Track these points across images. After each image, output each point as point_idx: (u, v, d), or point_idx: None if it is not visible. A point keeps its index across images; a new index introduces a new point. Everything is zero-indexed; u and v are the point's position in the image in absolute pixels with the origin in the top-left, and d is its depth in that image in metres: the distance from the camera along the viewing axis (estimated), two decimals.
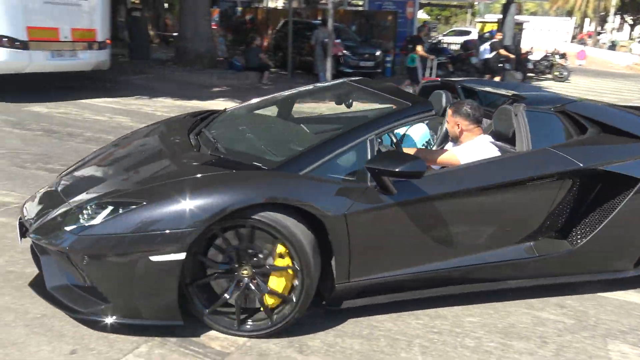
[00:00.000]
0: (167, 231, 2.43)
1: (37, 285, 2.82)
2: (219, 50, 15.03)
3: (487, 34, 18.21)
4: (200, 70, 12.65)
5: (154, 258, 2.44)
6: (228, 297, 2.67)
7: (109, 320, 2.56)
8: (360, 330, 2.82)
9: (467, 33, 28.29)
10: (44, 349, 2.50)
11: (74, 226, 2.55)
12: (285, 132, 3.53)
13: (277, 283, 2.63)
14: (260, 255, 2.64)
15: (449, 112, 3.48)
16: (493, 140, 3.38)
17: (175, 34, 17.36)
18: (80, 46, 8.96)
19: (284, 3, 31.27)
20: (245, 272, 2.66)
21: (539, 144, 3.12)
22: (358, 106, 3.86)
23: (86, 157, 3.49)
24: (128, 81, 11.13)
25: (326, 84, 4.33)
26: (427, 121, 3.94)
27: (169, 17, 22.24)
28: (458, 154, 3.28)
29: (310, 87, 4.20)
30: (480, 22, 30.14)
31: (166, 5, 22.61)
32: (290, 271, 2.62)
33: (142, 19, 15.33)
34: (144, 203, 2.52)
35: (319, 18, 16.20)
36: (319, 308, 2.86)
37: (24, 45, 8.08)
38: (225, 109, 4.02)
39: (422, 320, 2.98)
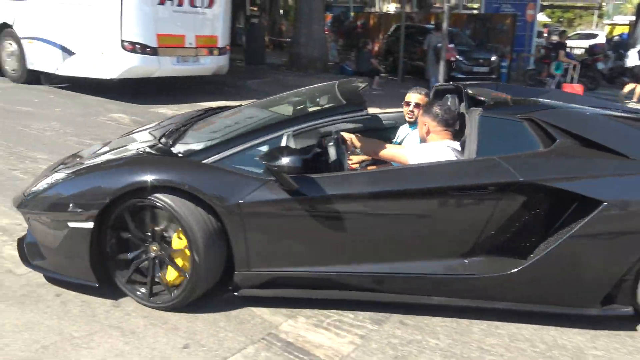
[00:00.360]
0: (82, 202, 2.81)
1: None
2: (330, 55, 15.27)
3: (616, 37, 16.86)
4: (313, 74, 12.89)
5: (71, 224, 2.82)
6: (131, 271, 2.93)
7: (46, 273, 3.08)
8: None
9: (594, 36, 26.52)
10: (160, 341, 2.64)
11: (30, 192, 3.08)
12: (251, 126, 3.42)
13: (178, 261, 2.85)
14: (166, 235, 2.85)
15: (421, 111, 3.35)
16: (457, 147, 3.09)
17: (289, 39, 17.95)
18: (202, 52, 9.48)
19: (396, 8, 31.11)
20: (154, 248, 2.88)
21: (488, 152, 2.77)
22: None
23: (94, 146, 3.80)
24: (244, 85, 11.59)
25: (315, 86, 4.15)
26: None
27: (283, 23, 23.01)
28: (408, 154, 3.10)
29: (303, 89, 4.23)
30: (609, 24, 28.16)
31: (281, 11, 23.38)
32: (187, 251, 2.77)
33: (259, 26, 15.97)
34: (73, 176, 3.00)
35: (432, 22, 15.89)
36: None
37: (154, 52, 8.71)
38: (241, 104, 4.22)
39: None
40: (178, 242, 2.82)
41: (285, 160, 2.56)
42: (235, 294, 2.89)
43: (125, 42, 8.44)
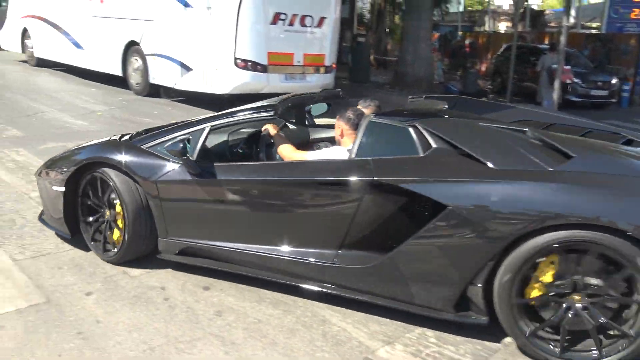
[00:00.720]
0: (62, 168, 3.61)
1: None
2: (435, 75, 15.07)
3: None
4: (417, 94, 12.70)
5: (54, 187, 3.63)
6: (92, 230, 3.62)
7: (46, 225, 3.90)
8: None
9: None
10: (258, 354, 2.67)
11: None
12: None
13: (119, 223, 3.47)
14: (116, 202, 3.47)
15: (338, 116, 3.51)
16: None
17: (393, 58, 17.94)
18: (309, 70, 9.72)
19: (507, 27, 30.11)
20: (107, 213, 3.55)
21: (367, 154, 2.94)
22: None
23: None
24: (348, 103, 11.70)
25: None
26: None
27: (389, 42, 23.08)
28: (308, 157, 3.33)
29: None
30: None
31: (387, 30, 23.50)
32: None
33: (365, 45, 16.13)
34: (75, 149, 3.90)
35: (546, 42, 15.21)
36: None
37: (264, 69, 9.05)
38: None
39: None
40: (118, 208, 3.45)
41: (182, 149, 3.17)
42: (158, 256, 3.45)
43: (238, 60, 8.84)
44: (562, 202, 2.45)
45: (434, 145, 2.82)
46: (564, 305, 2.55)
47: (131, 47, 10.85)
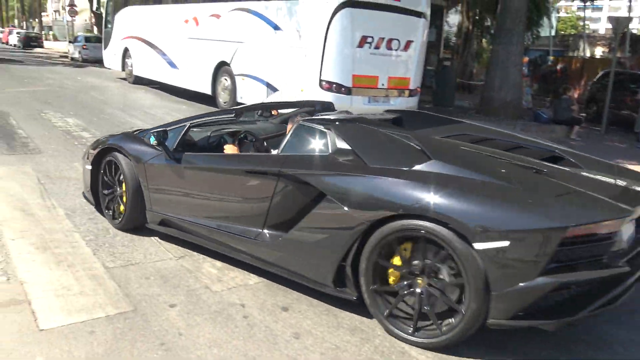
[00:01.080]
0: (92, 148, 4.63)
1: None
2: (523, 100, 14.53)
3: None
4: (503, 120, 12.34)
5: (86, 166, 4.66)
6: (106, 201, 4.51)
7: (85, 199, 4.90)
8: None
9: None
10: None
11: None
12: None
13: (124, 199, 4.33)
14: (122, 181, 4.33)
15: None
16: None
17: (479, 82, 17.53)
18: (393, 93, 9.70)
19: (603, 52, 28.64)
20: (118, 189, 4.39)
21: (290, 150, 3.52)
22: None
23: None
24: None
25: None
26: None
27: (475, 66, 22.63)
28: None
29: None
30: None
31: (474, 54, 23.06)
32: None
33: (451, 69, 15.93)
34: (100, 139, 4.78)
35: None
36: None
37: (348, 91, 9.13)
38: None
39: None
40: (124, 187, 4.32)
41: (159, 139, 3.96)
42: (146, 225, 4.25)
43: (323, 82, 8.99)
44: (404, 196, 2.86)
45: (338, 146, 3.35)
46: (411, 288, 2.95)
47: (221, 68, 11.39)
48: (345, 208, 3.00)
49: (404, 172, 2.98)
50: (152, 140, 4.09)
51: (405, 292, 2.95)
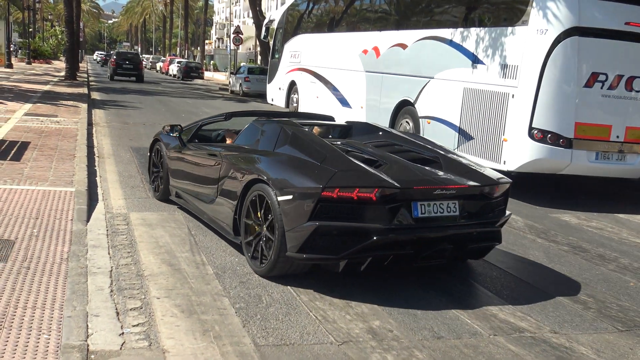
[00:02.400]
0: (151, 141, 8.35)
1: None
2: None
3: None
4: None
5: (148, 153, 8.44)
6: (153, 176, 7.84)
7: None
8: None
9: None
10: None
11: None
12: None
13: (162, 177, 7.52)
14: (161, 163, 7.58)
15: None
16: None
17: None
18: (632, 148, 9.03)
19: None
20: (161, 170, 7.47)
21: (242, 142, 6.10)
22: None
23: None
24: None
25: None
26: None
27: None
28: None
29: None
30: None
31: None
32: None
33: None
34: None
35: None
36: None
37: (567, 143, 8.67)
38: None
39: None
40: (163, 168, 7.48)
41: (174, 131, 7.14)
42: (170, 197, 7.15)
43: (534, 130, 8.66)
44: (259, 167, 5.26)
45: (258, 138, 5.83)
46: (260, 235, 5.06)
47: (403, 107, 11.65)
48: (233, 173, 5.56)
49: (265, 152, 5.50)
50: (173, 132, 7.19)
51: (258, 238, 5.11)
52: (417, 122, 11.10)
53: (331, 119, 7.45)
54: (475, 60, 9.90)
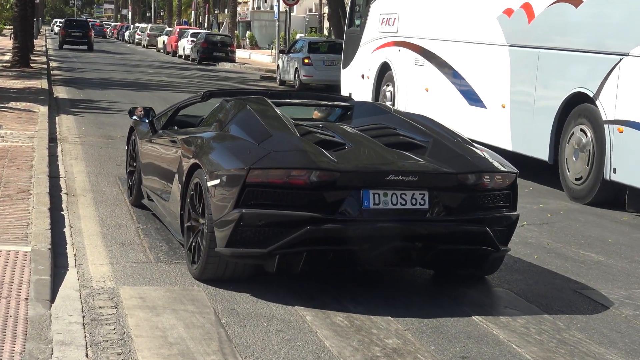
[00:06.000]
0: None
1: None
2: None
3: None
4: None
5: (126, 146, 11.46)
6: None
7: None
8: None
9: None
10: None
11: None
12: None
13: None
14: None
15: None
16: None
17: None
18: None
19: None
20: (134, 163, 10.19)
21: (207, 123, 7.72)
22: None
23: None
24: None
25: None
26: None
27: None
28: None
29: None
30: None
31: None
32: None
33: None
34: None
35: None
36: None
37: None
38: None
39: None
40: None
41: (140, 115, 8.54)
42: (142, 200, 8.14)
43: None
44: (198, 151, 6.96)
45: (219, 116, 7.22)
46: (197, 230, 6.33)
47: (576, 107, 9.86)
48: (184, 161, 6.89)
49: (214, 134, 6.69)
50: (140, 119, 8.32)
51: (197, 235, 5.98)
52: (600, 130, 9.21)
53: (344, 99, 8.58)
54: None
